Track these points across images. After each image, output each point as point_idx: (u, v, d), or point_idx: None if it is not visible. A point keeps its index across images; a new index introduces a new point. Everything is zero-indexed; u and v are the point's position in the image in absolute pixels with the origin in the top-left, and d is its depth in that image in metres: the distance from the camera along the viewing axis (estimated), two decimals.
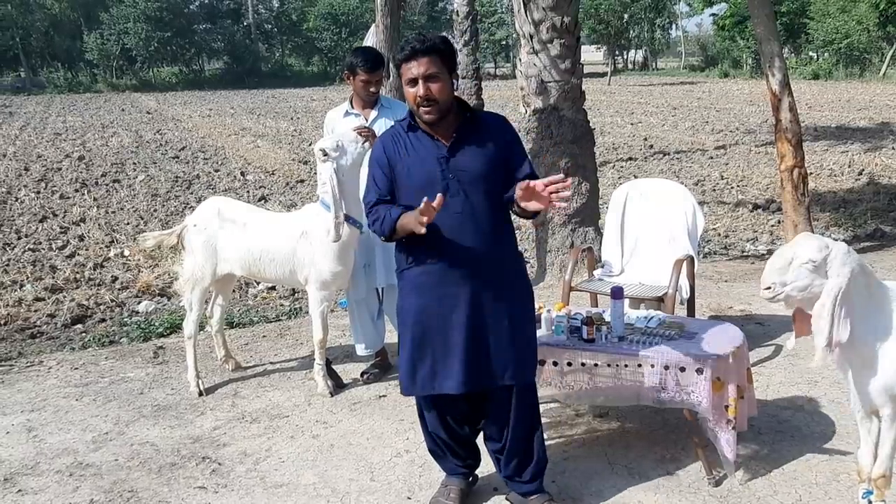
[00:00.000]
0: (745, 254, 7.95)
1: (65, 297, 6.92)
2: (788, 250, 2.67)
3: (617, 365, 3.24)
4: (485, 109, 3.05)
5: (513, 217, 2.99)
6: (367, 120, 4.33)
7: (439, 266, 2.86)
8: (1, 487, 3.43)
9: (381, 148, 2.96)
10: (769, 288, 2.67)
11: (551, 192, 2.64)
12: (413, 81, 2.76)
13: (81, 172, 14.08)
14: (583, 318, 3.34)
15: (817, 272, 2.58)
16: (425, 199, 2.63)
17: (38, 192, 12.17)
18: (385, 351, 4.63)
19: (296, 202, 10.64)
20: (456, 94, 2.89)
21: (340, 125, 4.40)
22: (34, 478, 3.51)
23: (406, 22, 33.84)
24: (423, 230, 2.65)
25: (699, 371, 3.12)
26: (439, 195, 2.65)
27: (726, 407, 3.15)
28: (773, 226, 9.18)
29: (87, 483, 3.44)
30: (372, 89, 4.29)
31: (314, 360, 4.35)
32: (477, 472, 3.28)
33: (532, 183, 2.69)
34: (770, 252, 7.76)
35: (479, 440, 3.21)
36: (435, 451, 3.20)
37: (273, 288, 6.99)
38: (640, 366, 3.20)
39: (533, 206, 2.73)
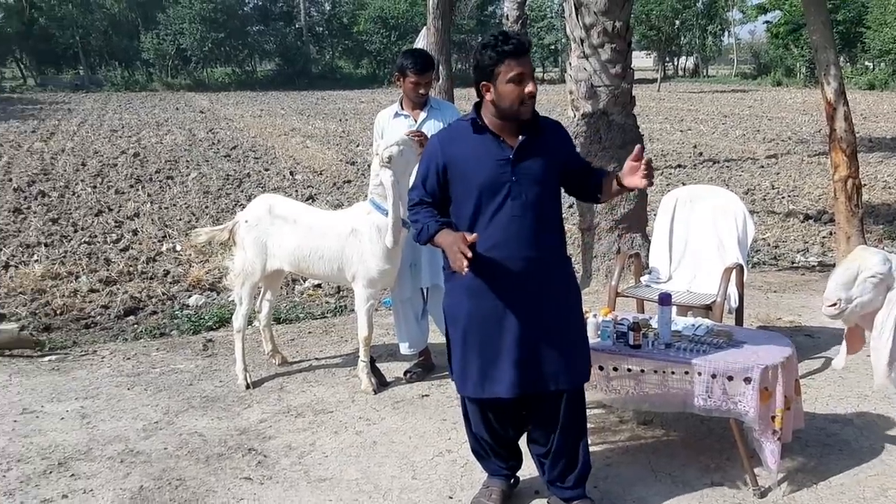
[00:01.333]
0: (795, 265, 7.81)
1: (118, 289, 7.10)
2: (852, 264, 2.62)
3: (663, 372, 3.22)
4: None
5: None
6: (416, 121, 4.37)
7: (492, 269, 2.84)
8: (56, 471, 3.54)
9: (439, 146, 2.93)
10: (835, 304, 2.62)
11: (644, 163, 2.78)
12: (518, 78, 2.74)
13: (136, 169, 14.42)
14: (629, 323, 3.33)
15: (881, 286, 2.53)
16: (465, 235, 2.70)
17: (95, 187, 12.49)
18: (428, 351, 4.67)
19: (342, 202, 10.75)
20: None
21: (390, 126, 4.45)
22: (87, 463, 3.61)
23: (455, 26, 33.96)
24: (463, 271, 2.67)
25: (747, 380, 3.08)
26: (475, 234, 2.72)
27: (773, 417, 3.11)
28: (824, 237, 9.00)
29: (137, 470, 3.53)
30: (421, 91, 4.34)
31: (359, 357, 4.41)
32: (519, 473, 3.28)
33: (637, 162, 2.81)
34: (821, 264, 7.63)
35: (522, 442, 3.21)
36: (478, 452, 3.20)
37: (319, 285, 7.08)
38: (686, 373, 3.17)
39: (633, 182, 2.84)
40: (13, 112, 27.83)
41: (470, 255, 2.65)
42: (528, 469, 3.27)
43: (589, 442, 3.16)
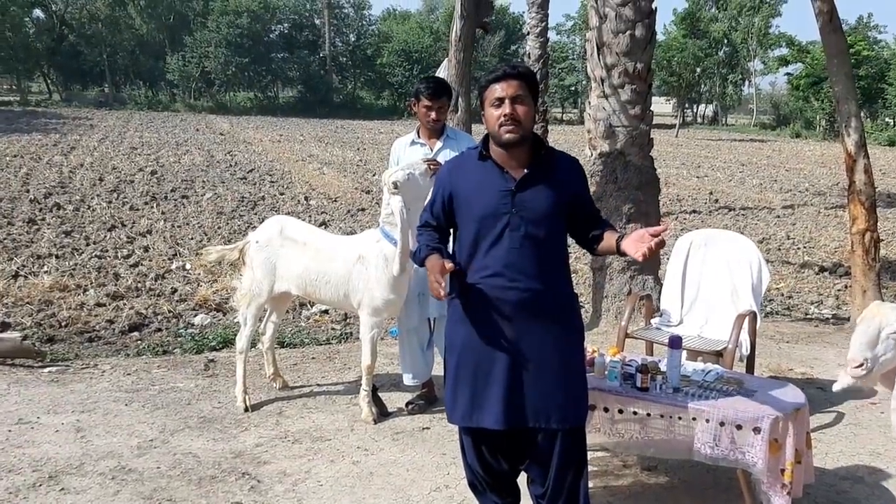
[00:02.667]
0: (808, 316, 7.71)
1: (125, 304, 7.08)
2: (873, 322, 2.55)
3: (670, 417, 3.13)
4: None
5: (571, 259, 2.92)
6: (432, 150, 4.35)
7: (488, 298, 2.80)
8: (45, 484, 3.47)
9: (447, 173, 2.96)
10: (861, 365, 2.54)
11: (655, 242, 2.61)
12: (499, 101, 2.74)
13: (152, 186, 14.51)
14: (638, 365, 3.25)
15: None
16: (445, 263, 2.70)
17: (110, 202, 12.56)
18: (432, 383, 4.59)
19: (356, 230, 10.74)
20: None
21: (406, 154, 4.42)
22: (78, 478, 3.55)
23: (477, 63, 34.25)
24: (440, 298, 2.72)
25: (756, 430, 2.99)
26: (450, 263, 2.72)
27: (782, 471, 3.02)
28: (839, 290, 8.90)
29: (128, 488, 3.46)
30: (433, 115, 4.30)
31: (361, 385, 4.34)
32: None
33: (643, 232, 2.68)
34: (835, 317, 7.52)
35: (521, 479, 3.11)
36: (474, 485, 3.07)
37: (326, 311, 7.04)
38: (694, 419, 3.09)
39: (630, 249, 2.70)
40: (36, 125, 28.19)
41: (443, 285, 2.68)
42: None
43: (590, 485, 3.05)
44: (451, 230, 2.97)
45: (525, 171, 2.80)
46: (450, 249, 2.97)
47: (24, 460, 3.70)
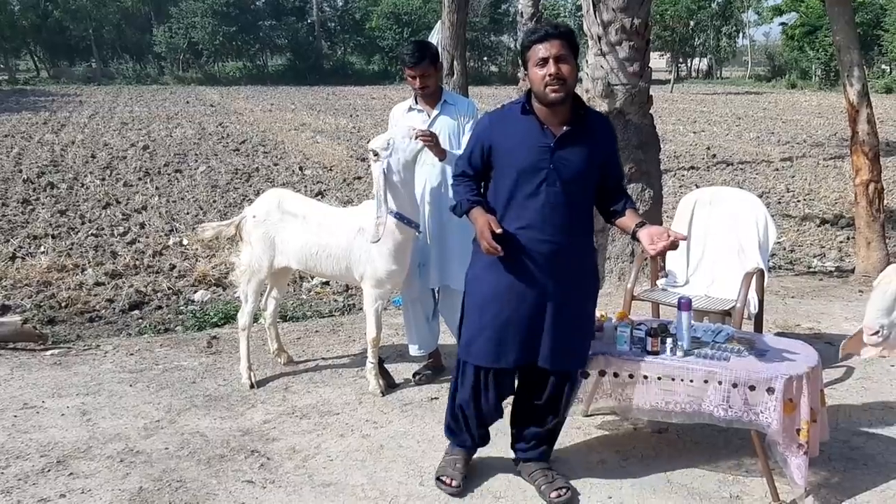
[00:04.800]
0: (811, 269, 7.68)
1: (124, 282, 7.03)
2: (889, 287, 2.48)
3: (682, 380, 3.09)
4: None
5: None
6: (429, 116, 4.24)
7: (518, 248, 2.96)
8: (54, 469, 3.44)
9: (489, 124, 3.09)
10: (877, 332, 2.48)
11: (671, 242, 2.85)
12: (544, 61, 2.84)
13: (145, 161, 14.38)
14: (647, 328, 3.20)
15: None
16: (493, 224, 2.90)
17: (104, 179, 12.45)
18: (438, 352, 4.55)
19: (352, 199, 10.66)
20: (517, 94, 2.95)
21: (403, 121, 4.32)
22: (86, 462, 3.52)
23: (469, 24, 33.83)
24: (492, 253, 2.91)
25: (770, 390, 2.96)
26: (496, 223, 2.91)
27: (798, 430, 2.98)
28: (841, 242, 8.87)
29: (136, 470, 3.43)
30: (419, 84, 4.16)
31: (367, 358, 4.30)
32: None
33: (665, 229, 2.93)
34: (839, 269, 7.49)
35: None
36: (451, 427, 3.32)
37: (327, 283, 6.99)
38: (706, 382, 3.05)
39: (647, 241, 2.91)
40: (25, 104, 27.91)
41: (498, 248, 2.87)
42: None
43: (601, 450, 3.06)
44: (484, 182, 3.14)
45: (565, 128, 2.94)
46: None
47: (31, 445, 3.66)
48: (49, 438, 3.73)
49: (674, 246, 2.87)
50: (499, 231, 2.89)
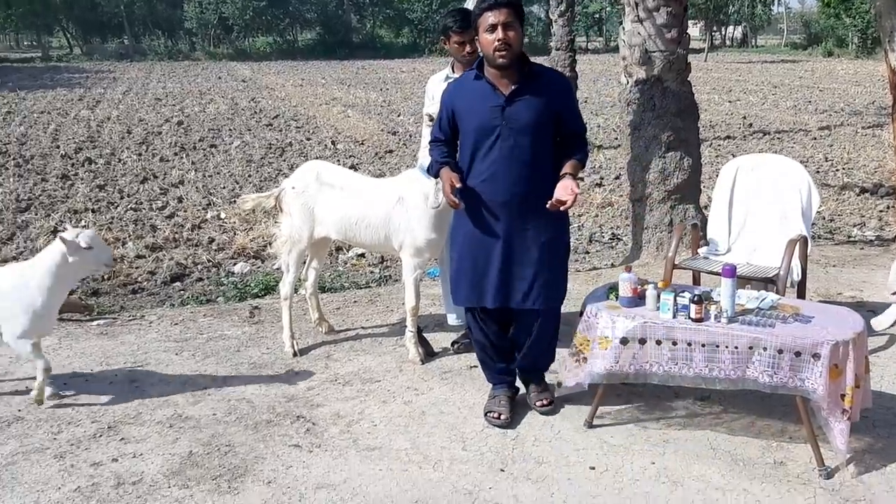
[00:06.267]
0: (851, 238, 7.56)
1: (164, 255, 7.14)
2: None
3: (726, 346, 3.08)
4: (544, 66, 3.53)
5: (599, 190, 3.22)
6: None
7: (483, 200, 3.32)
8: (105, 435, 3.54)
9: (450, 91, 3.47)
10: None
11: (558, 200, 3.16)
12: (492, 28, 3.16)
13: (180, 137, 14.52)
14: (691, 296, 3.19)
15: None
16: (454, 178, 3.27)
17: (140, 155, 12.60)
18: None
19: (384, 172, 10.68)
20: (548, 64, 3.06)
21: (440, 90, 4.31)
22: (136, 427, 3.61)
23: None
24: (454, 206, 3.33)
25: (816, 356, 2.94)
26: (457, 177, 3.28)
27: (842, 396, 2.97)
28: (881, 211, 8.72)
29: (186, 435, 3.52)
30: (468, 49, 4.17)
31: (405, 326, 4.34)
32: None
33: (570, 184, 3.20)
34: (879, 238, 7.37)
35: None
36: (483, 360, 3.71)
37: (363, 255, 7.04)
38: (751, 348, 3.04)
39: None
40: (60, 80, 28.25)
41: (456, 200, 3.26)
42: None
43: (641, 417, 3.07)
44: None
45: (513, 87, 3.25)
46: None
47: (82, 412, 3.77)
48: (99, 405, 3.83)
49: (563, 205, 3.16)
50: (458, 185, 3.24)
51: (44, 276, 3.60)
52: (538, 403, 3.63)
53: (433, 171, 3.53)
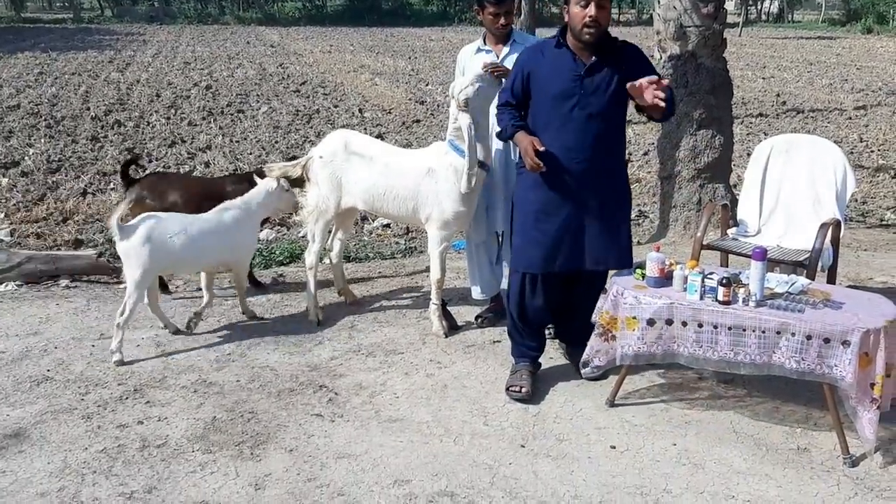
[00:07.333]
0: (884, 222, 7.42)
1: None
2: None
3: (753, 330, 3.04)
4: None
5: (636, 169, 3.21)
6: (498, 56, 4.18)
7: (557, 167, 3.34)
8: (131, 397, 3.59)
9: (528, 56, 3.50)
10: None
11: (655, 92, 3.09)
12: (587, 3, 3.18)
13: (208, 101, 14.52)
14: (720, 278, 3.15)
15: None
16: (535, 143, 3.27)
17: (169, 119, 12.63)
18: (501, 296, 4.56)
19: (411, 142, 10.63)
20: None
21: (472, 62, 4.26)
22: (161, 391, 3.66)
23: None
24: (535, 169, 3.30)
25: (845, 344, 2.90)
26: (539, 142, 3.27)
27: (872, 385, 2.93)
28: None
29: (210, 400, 3.56)
30: (502, 21, 4.10)
31: (430, 299, 4.34)
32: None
33: (638, 82, 3.12)
34: None
35: None
36: (513, 333, 3.77)
37: (388, 225, 7.03)
38: (778, 333, 3.00)
39: (640, 100, 3.17)
40: (91, 42, 28.33)
41: (541, 164, 3.25)
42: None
43: (665, 398, 3.04)
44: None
45: (594, 58, 3.30)
46: None
47: (108, 374, 3.82)
48: (125, 368, 3.89)
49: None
50: (542, 149, 3.25)
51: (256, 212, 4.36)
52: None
53: (505, 135, 3.53)
